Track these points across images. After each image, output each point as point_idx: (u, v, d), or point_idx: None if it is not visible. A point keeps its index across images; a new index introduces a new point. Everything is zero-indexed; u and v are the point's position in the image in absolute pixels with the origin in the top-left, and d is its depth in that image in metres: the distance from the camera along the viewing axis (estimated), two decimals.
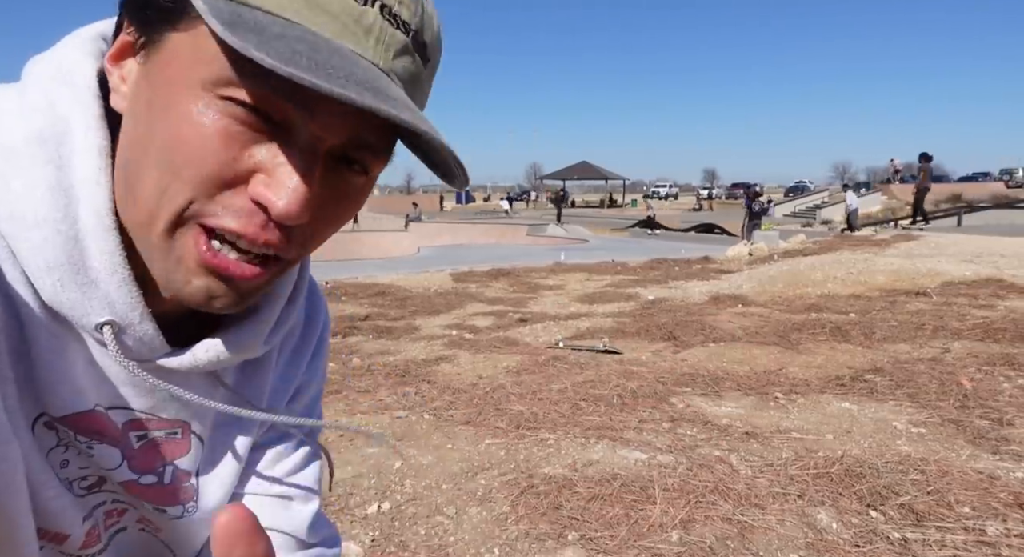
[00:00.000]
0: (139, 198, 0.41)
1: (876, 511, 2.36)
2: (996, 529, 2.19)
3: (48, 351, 0.44)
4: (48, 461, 0.46)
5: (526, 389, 3.88)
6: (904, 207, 28.35)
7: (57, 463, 0.46)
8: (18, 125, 0.43)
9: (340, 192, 0.43)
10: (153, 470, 0.52)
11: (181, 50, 0.39)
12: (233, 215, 0.40)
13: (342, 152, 0.42)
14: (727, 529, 2.27)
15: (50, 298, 0.42)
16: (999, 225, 18.55)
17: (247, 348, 0.50)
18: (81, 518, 0.48)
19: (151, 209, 0.40)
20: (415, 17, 0.42)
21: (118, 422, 0.48)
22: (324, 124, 0.39)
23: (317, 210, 0.42)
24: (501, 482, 2.70)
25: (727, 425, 3.29)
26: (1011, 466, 2.71)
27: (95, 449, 0.48)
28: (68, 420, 0.46)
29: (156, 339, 0.46)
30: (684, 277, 9.95)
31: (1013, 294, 6.51)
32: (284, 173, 0.39)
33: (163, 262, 0.42)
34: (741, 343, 5.04)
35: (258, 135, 0.39)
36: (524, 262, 12.51)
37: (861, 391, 3.82)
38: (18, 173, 0.41)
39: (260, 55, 0.33)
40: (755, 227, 17.06)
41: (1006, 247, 10.34)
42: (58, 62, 0.46)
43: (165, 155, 0.39)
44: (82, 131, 0.43)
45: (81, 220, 0.42)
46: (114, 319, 0.43)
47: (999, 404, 3.44)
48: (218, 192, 0.39)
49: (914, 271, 7.72)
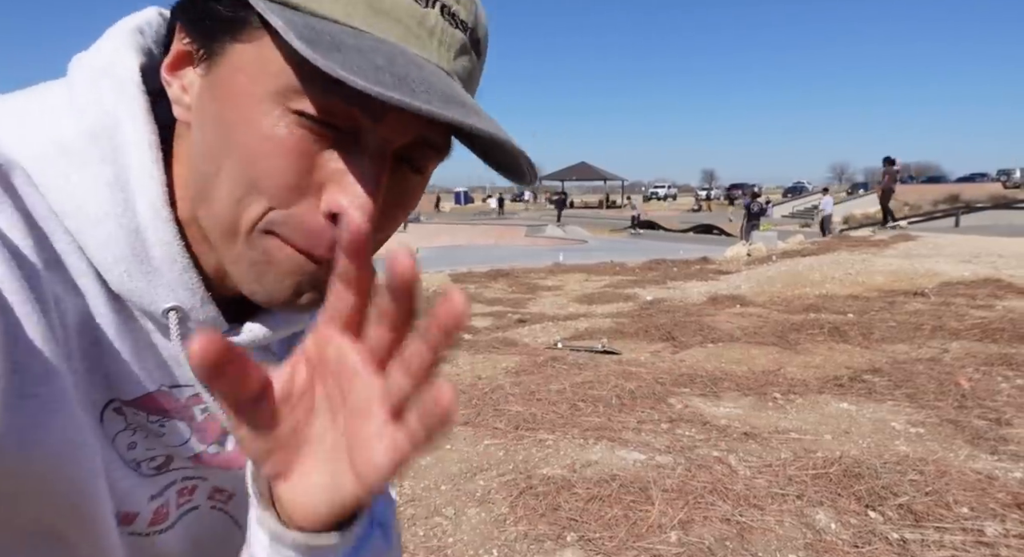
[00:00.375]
0: (216, 207, 0.42)
1: (875, 511, 2.36)
2: (994, 529, 2.20)
3: (116, 339, 0.45)
4: (115, 445, 0.47)
5: (525, 390, 3.87)
6: (901, 207, 28.42)
7: (124, 446, 0.48)
8: (70, 122, 0.44)
9: (401, 191, 0.44)
10: (217, 439, 0.54)
11: (246, 62, 0.39)
12: (303, 235, 0.41)
13: (404, 152, 0.43)
14: (726, 530, 2.27)
15: (118, 288, 0.44)
16: (997, 225, 18.58)
17: (295, 322, 0.53)
18: (148, 497, 0.50)
19: (230, 219, 0.41)
20: (471, 15, 0.43)
21: (182, 399, 0.50)
22: (393, 128, 0.40)
23: (384, 209, 0.43)
24: (500, 483, 2.70)
25: (726, 426, 3.29)
26: (1009, 466, 2.71)
27: (166, 427, 0.50)
28: (138, 402, 0.48)
29: (217, 320, 0.48)
30: (683, 278, 9.95)
31: (1011, 294, 6.52)
32: (355, 181, 0.40)
33: (249, 266, 0.43)
34: (739, 343, 5.04)
35: (329, 144, 0.40)
36: (523, 263, 12.52)
37: (859, 391, 3.82)
38: (76, 170, 0.43)
39: (348, 76, 0.33)
40: (753, 228, 17.08)
41: (1004, 247, 10.36)
42: (101, 58, 0.46)
43: (240, 168, 0.40)
44: (131, 127, 0.44)
45: (139, 213, 0.43)
46: (178, 304, 0.45)
47: (997, 404, 3.44)
48: (294, 202, 0.41)
49: (912, 271, 7.73)
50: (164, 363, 0.48)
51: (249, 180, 0.40)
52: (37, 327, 0.38)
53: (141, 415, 0.48)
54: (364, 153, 0.40)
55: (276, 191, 0.40)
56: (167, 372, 0.49)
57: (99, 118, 0.44)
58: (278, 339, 0.54)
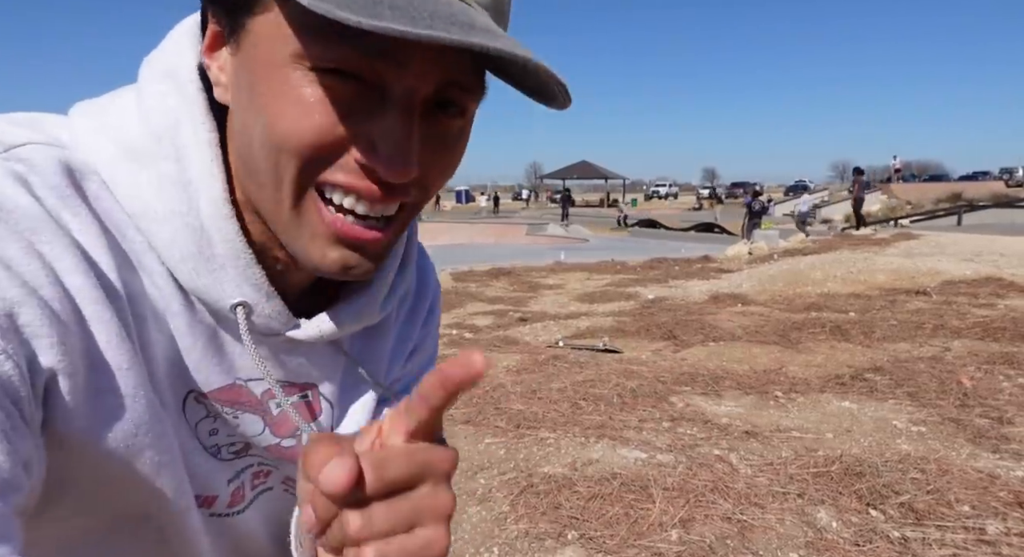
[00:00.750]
0: (259, 182, 0.43)
1: (876, 510, 2.36)
2: (996, 528, 2.19)
3: (189, 334, 0.47)
4: (196, 431, 0.50)
5: (526, 388, 3.88)
6: (904, 205, 28.36)
7: (206, 432, 0.50)
8: (138, 125, 0.45)
9: (442, 138, 0.44)
10: (292, 433, 0.55)
11: (265, 31, 0.40)
12: (343, 171, 0.42)
13: (436, 98, 0.42)
14: (727, 528, 2.27)
15: (188, 285, 0.45)
16: (999, 224, 18.55)
17: (365, 316, 0.53)
18: (226, 480, 0.53)
19: (272, 189, 0.43)
20: None
21: (257, 392, 0.52)
22: (416, 73, 0.39)
23: (423, 161, 0.42)
24: (501, 481, 2.70)
25: (727, 424, 3.29)
26: (1011, 465, 2.71)
27: (240, 419, 0.52)
28: (214, 395, 0.49)
29: (283, 314, 0.49)
30: (684, 276, 9.95)
31: (1013, 293, 6.52)
32: (384, 134, 0.40)
33: (298, 239, 0.44)
34: (741, 342, 5.03)
35: (354, 98, 0.40)
36: (524, 261, 12.52)
37: (861, 390, 3.82)
38: (143, 171, 0.44)
39: (343, 15, 0.33)
40: (755, 226, 17.06)
41: (1006, 246, 10.35)
42: (163, 60, 0.48)
43: (271, 134, 0.41)
44: (191, 127, 0.45)
45: (202, 211, 0.45)
46: (245, 300, 0.46)
47: (999, 403, 3.44)
48: (324, 158, 0.41)
49: (914, 270, 7.72)
50: (242, 356, 0.50)
51: (279, 141, 0.40)
52: (110, 326, 0.41)
53: (217, 407, 0.50)
54: (391, 104, 0.40)
55: (304, 149, 0.40)
56: (244, 366, 0.50)
57: (162, 120, 0.45)
58: (348, 335, 0.55)
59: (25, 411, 0.37)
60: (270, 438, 0.54)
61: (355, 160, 0.41)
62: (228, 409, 0.51)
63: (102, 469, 0.43)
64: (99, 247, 0.42)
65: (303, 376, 0.55)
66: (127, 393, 0.42)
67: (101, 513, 0.46)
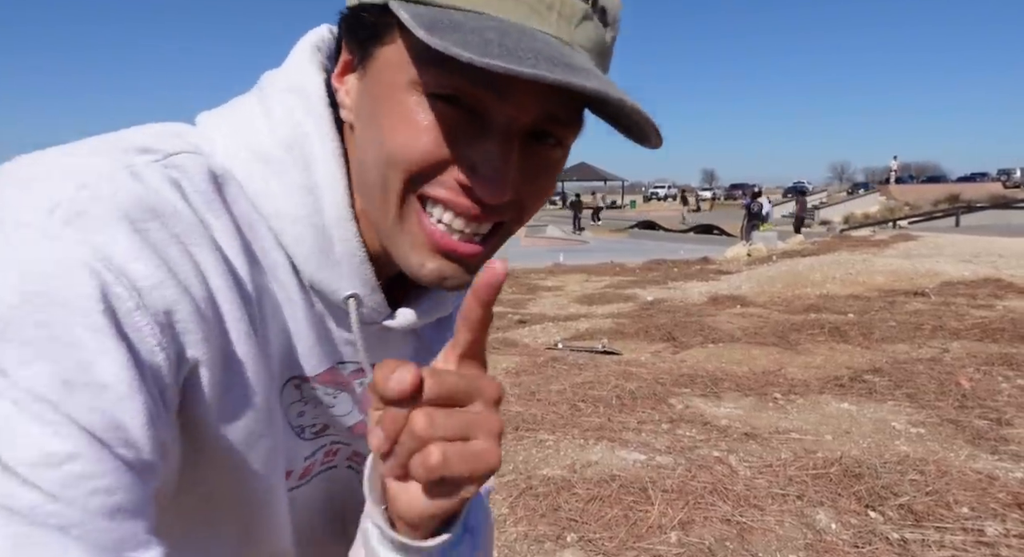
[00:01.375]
0: (371, 193, 0.48)
1: (875, 511, 2.36)
2: (995, 529, 2.19)
3: (303, 323, 0.52)
4: (287, 413, 0.54)
5: (525, 390, 3.87)
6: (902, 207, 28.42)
7: (295, 414, 0.55)
8: (268, 135, 0.50)
9: (538, 166, 0.48)
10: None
11: (390, 60, 0.45)
12: (444, 188, 0.46)
13: (535, 129, 0.46)
14: (726, 530, 2.27)
15: (309, 279, 0.51)
16: (997, 225, 18.59)
17: (441, 308, 0.60)
18: (303, 457, 0.58)
19: (380, 199, 0.48)
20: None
21: (346, 373, 0.57)
22: (516, 104, 0.44)
23: (519, 186, 0.47)
24: (499, 483, 2.70)
25: (726, 426, 3.29)
26: (1010, 466, 2.71)
27: (337, 398, 0.57)
28: (317, 378, 0.55)
29: (383, 305, 0.55)
30: (683, 278, 9.95)
31: (1011, 294, 6.53)
32: (484, 158, 0.44)
33: (400, 246, 0.49)
34: (740, 344, 5.04)
35: (460, 124, 0.44)
36: (523, 263, 12.53)
37: (860, 391, 3.82)
38: (275, 177, 0.49)
39: (457, 50, 0.37)
40: (753, 228, 17.09)
41: (1004, 247, 10.36)
42: (289, 78, 0.53)
43: (383, 150, 0.46)
44: (319, 139, 0.50)
45: (326, 214, 0.50)
46: (356, 293, 0.52)
47: (998, 404, 3.44)
48: (428, 174, 0.46)
49: (913, 271, 7.73)
50: (337, 343, 0.55)
51: (389, 157, 0.45)
52: (241, 324, 0.46)
53: (318, 388, 0.55)
54: (492, 131, 0.44)
55: (411, 165, 0.45)
56: (337, 350, 0.55)
57: (291, 131, 0.50)
58: (424, 324, 0.60)
59: (168, 401, 0.41)
60: (357, 416, 0.59)
61: (456, 179, 0.45)
62: (330, 389, 0.56)
63: (220, 454, 0.47)
64: (235, 248, 0.46)
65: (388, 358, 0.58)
66: (251, 385, 0.47)
67: (204, 491, 0.50)
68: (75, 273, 0.37)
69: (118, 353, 0.37)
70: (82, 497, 0.34)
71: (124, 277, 0.39)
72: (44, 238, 0.38)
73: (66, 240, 0.38)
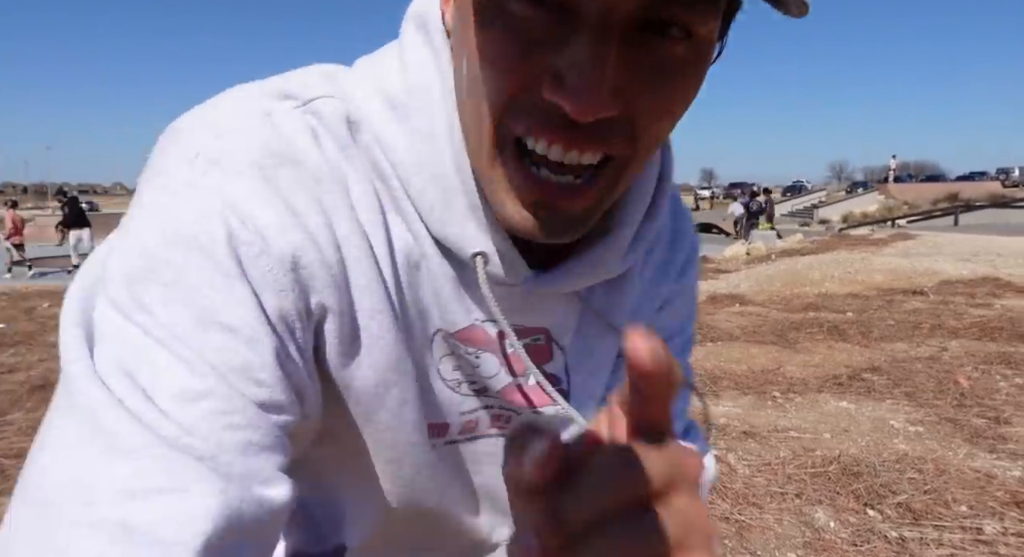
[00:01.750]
0: (469, 134, 0.44)
1: (873, 510, 2.36)
2: (993, 527, 2.20)
3: (440, 277, 0.49)
4: (440, 365, 0.52)
5: None
6: (901, 206, 28.45)
7: (449, 368, 0.53)
8: (397, 78, 0.47)
9: (655, 68, 0.37)
10: (523, 373, 0.56)
11: None
12: (533, 113, 0.38)
13: (647, 18, 0.36)
14: (725, 528, 2.27)
15: (437, 233, 0.47)
16: (995, 224, 18.60)
17: (604, 268, 0.51)
18: (459, 412, 0.55)
19: (475, 139, 0.43)
20: None
21: (492, 333, 0.53)
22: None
23: (632, 96, 0.37)
24: None
25: (725, 424, 3.30)
26: (1008, 464, 2.71)
27: (480, 358, 0.53)
28: (459, 334, 0.52)
29: (519, 264, 0.49)
30: None
31: (1010, 293, 6.53)
32: (571, 63, 0.36)
33: (496, 195, 0.44)
34: (739, 342, 5.04)
35: (544, 25, 0.36)
36: None
37: (858, 390, 3.82)
38: (399, 123, 0.46)
39: None
40: (752, 226, 17.10)
41: (1003, 246, 10.38)
42: (417, 8, 0.49)
43: (473, 81, 0.41)
44: (439, 81, 0.46)
45: (445, 163, 0.46)
46: (483, 250, 0.47)
47: (996, 402, 3.44)
48: (517, 98, 0.39)
49: (911, 270, 7.74)
50: (476, 300, 0.51)
51: (479, 90, 0.40)
52: (369, 272, 0.44)
53: (460, 346, 0.52)
54: (583, 28, 0.35)
55: (498, 91, 0.39)
56: (481, 308, 0.51)
57: (418, 72, 0.47)
58: (586, 287, 0.53)
59: (301, 344, 0.41)
60: (504, 379, 0.55)
61: (543, 97, 0.37)
62: (471, 348, 0.53)
63: (348, 403, 0.47)
64: (367, 196, 0.45)
65: (535, 321, 0.55)
66: (380, 334, 0.46)
67: (341, 442, 0.50)
68: (207, 219, 0.39)
69: (244, 296, 0.38)
70: (216, 432, 0.35)
71: (251, 222, 0.39)
72: (184, 186, 0.40)
73: (201, 188, 0.40)
